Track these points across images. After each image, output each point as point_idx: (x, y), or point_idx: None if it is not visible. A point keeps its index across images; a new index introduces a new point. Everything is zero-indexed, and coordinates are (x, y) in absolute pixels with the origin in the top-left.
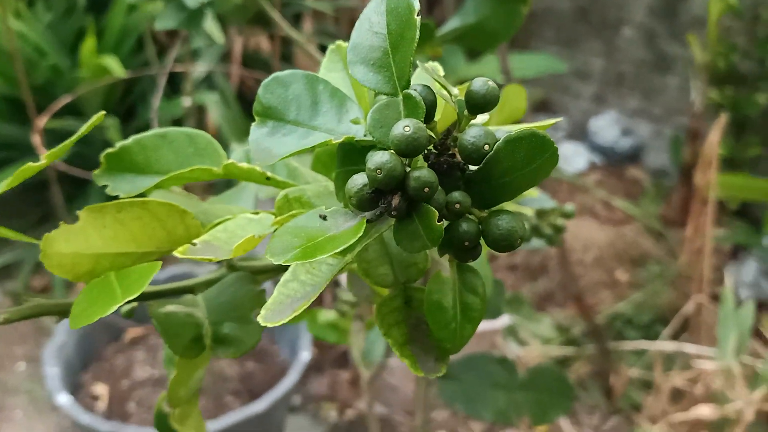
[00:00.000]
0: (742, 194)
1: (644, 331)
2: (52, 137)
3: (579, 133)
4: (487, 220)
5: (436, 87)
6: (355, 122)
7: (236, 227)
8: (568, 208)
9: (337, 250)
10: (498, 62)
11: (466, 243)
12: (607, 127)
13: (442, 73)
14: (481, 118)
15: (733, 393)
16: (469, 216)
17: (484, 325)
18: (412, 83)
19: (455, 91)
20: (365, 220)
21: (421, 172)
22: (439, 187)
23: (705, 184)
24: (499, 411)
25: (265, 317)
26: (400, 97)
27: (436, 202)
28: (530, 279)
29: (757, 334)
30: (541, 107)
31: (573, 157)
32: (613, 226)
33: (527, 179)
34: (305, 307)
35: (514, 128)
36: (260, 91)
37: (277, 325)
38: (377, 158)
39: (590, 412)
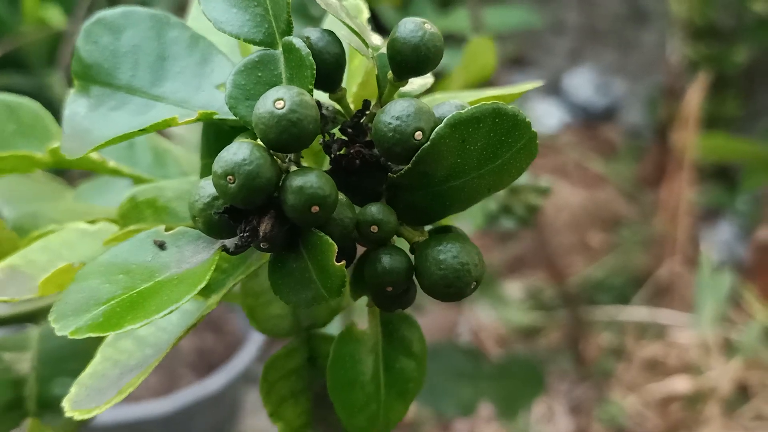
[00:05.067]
0: (722, 155)
1: (617, 295)
2: None
3: (552, 91)
4: (422, 250)
5: (345, 34)
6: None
7: (62, 245)
8: (544, 183)
9: (169, 310)
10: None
11: (389, 288)
12: (581, 84)
13: (366, 14)
14: (418, 83)
15: (709, 364)
16: (395, 244)
17: None
18: (318, 28)
19: (375, 40)
20: (222, 252)
21: (306, 179)
22: (346, 200)
23: (682, 145)
24: (463, 404)
25: (74, 401)
26: (280, 48)
27: (340, 223)
28: (500, 242)
29: (733, 301)
30: (514, 63)
31: (545, 116)
32: (586, 188)
33: (489, 182)
34: (140, 381)
35: (468, 98)
36: (79, 40)
37: (91, 416)
38: (228, 155)
39: (560, 378)
